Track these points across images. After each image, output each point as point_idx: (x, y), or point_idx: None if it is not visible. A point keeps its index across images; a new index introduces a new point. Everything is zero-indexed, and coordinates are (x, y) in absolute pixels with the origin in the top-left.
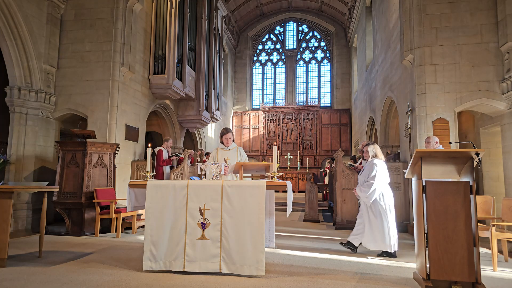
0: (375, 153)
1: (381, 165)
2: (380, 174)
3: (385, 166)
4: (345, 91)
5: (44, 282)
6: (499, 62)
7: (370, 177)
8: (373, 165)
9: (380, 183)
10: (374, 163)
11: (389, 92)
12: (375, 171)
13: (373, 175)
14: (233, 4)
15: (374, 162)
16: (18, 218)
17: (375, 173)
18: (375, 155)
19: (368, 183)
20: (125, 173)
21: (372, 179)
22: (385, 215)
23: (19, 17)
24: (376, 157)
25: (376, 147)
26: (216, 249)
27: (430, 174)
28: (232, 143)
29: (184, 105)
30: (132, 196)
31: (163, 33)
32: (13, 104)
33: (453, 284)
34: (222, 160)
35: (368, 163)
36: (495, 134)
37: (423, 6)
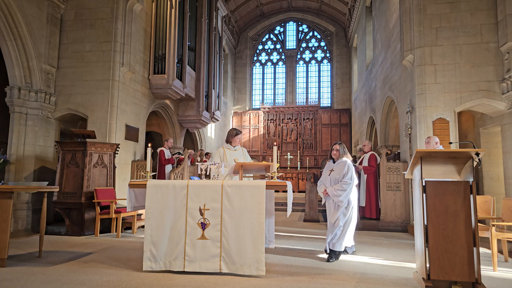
0: (345, 152)
1: (352, 164)
2: (354, 174)
3: None
4: (345, 91)
5: (44, 282)
6: (499, 62)
7: (347, 177)
8: (348, 164)
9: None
10: (348, 163)
11: (389, 92)
12: (351, 172)
13: (350, 175)
14: (233, 4)
15: (348, 162)
16: (18, 218)
17: (351, 173)
18: (345, 154)
19: (344, 183)
20: (125, 173)
21: (349, 179)
22: (355, 215)
23: (19, 17)
24: (345, 156)
25: (345, 146)
26: (216, 249)
27: (430, 174)
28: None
29: (184, 105)
30: (132, 196)
31: (163, 33)
32: (13, 104)
33: (453, 284)
34: (231, 160)
35: (341, 163)
36: (495, 134)
37: (423, 6)
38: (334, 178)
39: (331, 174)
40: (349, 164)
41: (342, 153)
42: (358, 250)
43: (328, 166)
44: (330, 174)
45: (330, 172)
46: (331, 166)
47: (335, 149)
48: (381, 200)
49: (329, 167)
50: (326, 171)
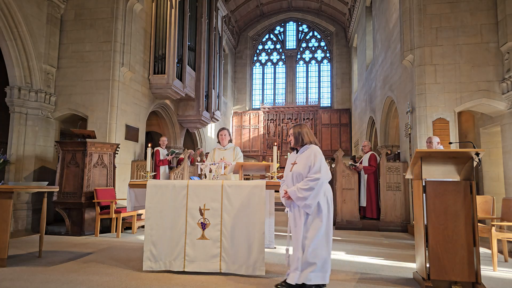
0: (309, 135)
1: (321, 154)
2: (325, 165)
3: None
4: (345, 91)
5: (44, 282)
6: (499, 62)
7: (314, 169)
8: (315, 153)
9: (327, 178)
10: (315, 150)
11: (389, 92)
12: (320, 162)
13: (318, 168)
14: (233, 4)
15: (315, 149)
16: (18, 218)
17: (320, 164)
18: (309, 138)
19: (310, 179)
20: (125, 173)
21: (316, 172)
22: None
23: (19, 17)
24: (311, 142)
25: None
26: (216, 249)
27: (430, 174)
28: (229, 143)
29: (184, 105)
30: (132, 196)
31: (163, 33)
32: (13, 104)
33: (453, 284)
34: (218, 159)
35: (305, 151)
36: (495, 134)
37: (423, 6)
38: (297, 174)
39: (294, 169)
40: (316, 152)
41: (299, 138)
42: (358, 250)
43: (290, 158)
44: (292, 168)
45: (292, 166)
46: (294, 158)
47: (290, 133)
48: (381, 200)
49: (291, 160)
50: (287, 165)
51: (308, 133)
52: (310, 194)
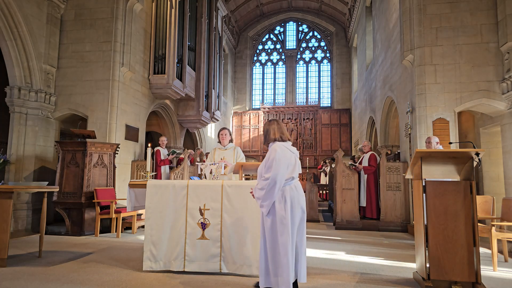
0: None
1: (283, 150)
2: (281, 164)
3: (291, 153)
4: (345, 91)
5: (44, 282)
6: (499, 62)
7: (265, 169)
8: (270, 150)
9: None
10: (272, 147)
11: (389, 92)
12: (272, 160)
13: (270, 166)
14: (233, 4)
15: (272, 146)
16: (18, 218)
17: (272, 162)
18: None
19: (262, 178)
20: (125, 173)
21: (267, 172)
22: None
23: (19, 17)
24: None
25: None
26: (216, 249)
27: (430, 174)
28: (229, 143)
29: (184, 105)
30: (132, 196)
31: (163, 33)
32: (13, 104)
33: (453, 284)
34: (218, 159)
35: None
36: (495, 134)
37: (423, 6)
38: (259, 173)
39: (259, 167)
40: (273, 149)
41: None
42: (358, 250)
43: None
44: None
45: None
46: None
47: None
48: (381, 200)
49: None
50: None
51: (276, 129)
52: (262, 194)
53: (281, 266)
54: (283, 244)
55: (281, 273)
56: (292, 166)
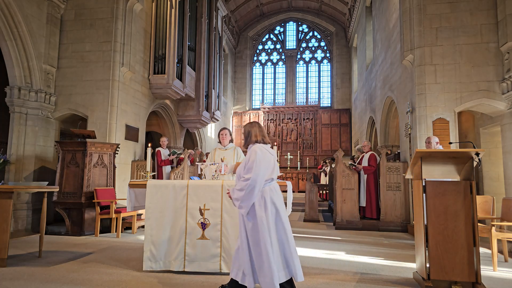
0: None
1: (263, 152)
2: (261, 166)
3: (270, 155)
4: (345, 91)
5: (44, 282)
6: (499, 62)
7: (245, 170)
8: (251, 151)
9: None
10: (252, 148)
11: (389, 92)
12: (252, 161)
13: (250, 167)
14: (233, 4)
15: (253, 147)
16: (18, 218)
17: (253, 163)
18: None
19: (242, 179)
20: (125, 173)
21: (247, 173)
22: (267, 232)
23: (19, 17)
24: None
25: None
26: (216, 249)
27: (430, 174)
28: (230, 143)
29: (184, 105)
30: (132, 196)
31: (163, 33)
32: (13, 104)
33: (453, 284)
34: (218, 159)
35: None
36: (495, 134)
37: (423, 6)
38: (237, 174)
39: (238, 168)
40: (253, 150)
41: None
42: (358, 250)
43: None
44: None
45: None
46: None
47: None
48: (381, 200)
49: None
50: None
51: (258, 132)
52: (241, 195)
53: (264, 268)
54: (264, 245)
55: (264, 275)
56: (272, 167)
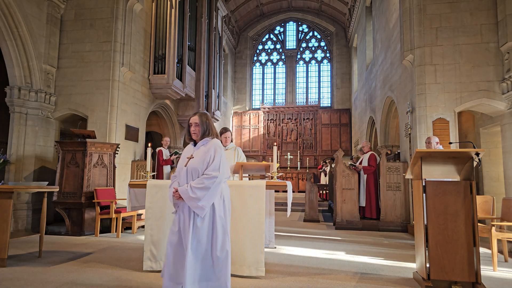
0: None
1: (223, 149)
2: (225, 162)
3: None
4: (345, 91)
5: (44, 282)
6: (499, 62)
7: (213, 166)
8: (216, 147)
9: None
10: (217, 145)
11: (389, 92)
12: (220, 158)
13: (218, 165)
14: (233, 4)
15: (216, 143)
16: (18, 218)
17: (219, 160)
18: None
19: (207, 177)
20: (125, 173)
21: (215, 170)
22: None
23: (19, 17)
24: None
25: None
26: None
27: (430, 174)
28: (230, 143)
29: (184, 105)
30: (132, 196)
31: (163, 33)
32: (13, 104)
33: (453, 284)
34: None
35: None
36: (495, 134)
37: (423, 6)
38: (192, 170)
39: (189, 164)
40: (217, 146)
41: (206, 129)
42: (358, 250)
43: (185, 151)
44: (188, 163)
45: (188, 160)
46: (190, 151)
47: (193, 122)
48: (381, 200)
49: (186, 154)
50: (182, 159)
51: (210, 124)
52: (205, 194)
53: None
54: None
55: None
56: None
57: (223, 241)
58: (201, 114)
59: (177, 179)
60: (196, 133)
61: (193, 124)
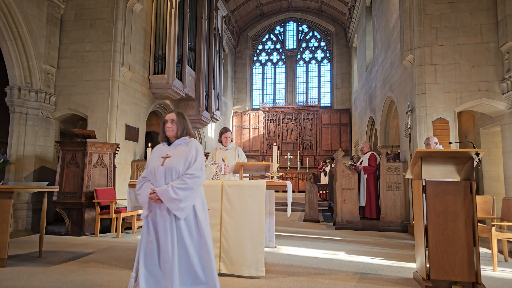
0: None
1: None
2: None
3: None
4: (345, 91)
5: (44, 282)
6: (499, 62)
7: (195, 166)
8: (196, 146)
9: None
10: (195, 144)
11: (389, 92)
12: (201, 158)
13: (200, 165)
14: (233, 4)
15: (195, 142)
16: (18, 218)
17: (201, 160)
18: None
19: (190, 177)
20: (125, 173)
21: (198, 170)
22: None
23: (19, 17)
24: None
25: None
26: (215, 250)
27: (430, 174)
28: (230, 143)
29: (184, 105)
30: (132, 196)
31: (163, 33)
32: (13, 104)
33: (453, 284)
34: (220, 160)
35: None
36: (495, 134)
37: (423, 6)
38: (171, 169)
39: (166, 163)
40: (198, 146)
41: (184, 128)
42: (358, 250)
43: (158, 151)
44: (164, 162)
45: (164, 159)
46: (164, 151)
47: (170, 119)
48: (381, 200)
49: (160, 153)
50: (155, 159)
51: (187, 122)
52: (187, 195)
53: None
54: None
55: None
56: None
57: (210, 244)
58: (178, 113)
59: (149, 181)
60: (172, 130)
61: (169, 120)
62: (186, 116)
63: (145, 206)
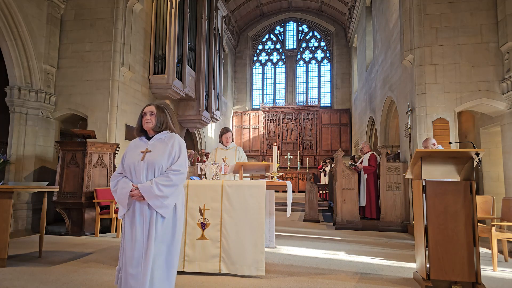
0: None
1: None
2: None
3: None
4: (345, 91)
5: (44, 282)
6: (499, 62)
7: (179, 162)
8: (179, 141)
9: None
10: (178, 139)
11: (389, 92)
12: (184, 155)
13: (183, 160)
14: (233, 4)
15: (177, 137)
16: (18, 218)
17: (185, 156)
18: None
19: (174, 173)
20: None
21: (182, 166)
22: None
23: (19, 17)
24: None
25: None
26: (215, 249)
27: (430, 174)
28: (231, 143)
29: (184, 105)
30: None
31: (163, 33)
32: (13, 104)
33: (453, 284)
34: (220, 159)
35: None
36: (495, 134)
37: (423, 6)
38: (154, 165)
39: (147, 158)
40: (181, 142)
41: (163, 121)
42: (358, 250)
43: (136, 145)
44: (145, 157)
45: (145, 154)
46: (143, 145)
47: (149, 111)
48: (381, 200)
49: (139, 147)
50: (133, 153)
51: (170, 115)
52: (172, 192)
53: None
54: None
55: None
56: None
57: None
58: (158, 106)
59: (126, 177)
60: (151, 122)
61: (148, 112)
62: (167, 111)
63: (123, 204)
